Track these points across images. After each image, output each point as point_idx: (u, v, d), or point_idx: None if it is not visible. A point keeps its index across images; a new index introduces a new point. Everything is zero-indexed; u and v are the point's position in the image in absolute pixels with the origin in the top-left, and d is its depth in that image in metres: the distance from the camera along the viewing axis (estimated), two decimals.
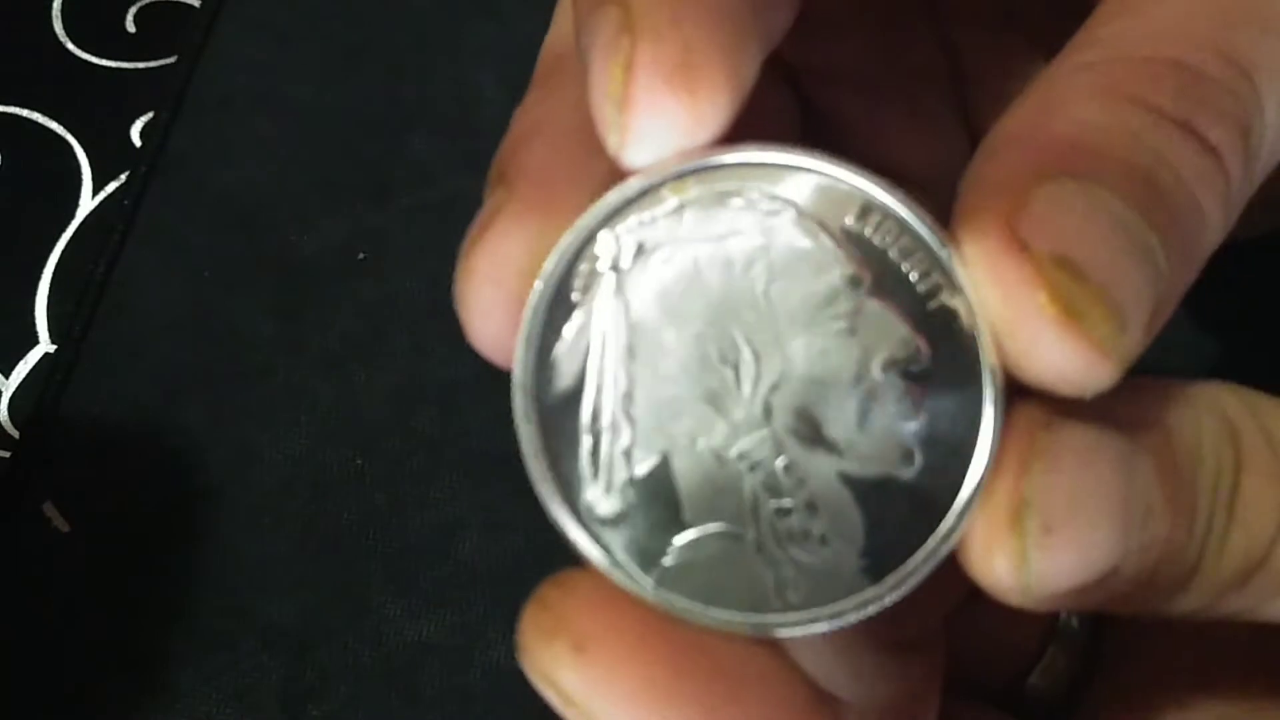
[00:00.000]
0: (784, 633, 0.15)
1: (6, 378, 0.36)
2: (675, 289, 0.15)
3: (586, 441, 0.15)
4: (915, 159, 0.24)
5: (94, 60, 0.42)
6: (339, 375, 0.36)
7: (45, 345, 0.37)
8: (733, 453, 0.15)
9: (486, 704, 0.32)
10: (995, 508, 0.15)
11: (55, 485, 0.34)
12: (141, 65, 0.42)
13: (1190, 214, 0.16)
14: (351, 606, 0.33)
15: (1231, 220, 0.16)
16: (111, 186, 0.39)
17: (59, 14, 0.43)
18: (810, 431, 0.15)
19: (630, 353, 0.15)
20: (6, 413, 0.36)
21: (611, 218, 0.15)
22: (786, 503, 0.15)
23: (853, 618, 0.15)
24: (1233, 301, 0.34)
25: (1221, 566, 0.16)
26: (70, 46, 0.42)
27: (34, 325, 0.37)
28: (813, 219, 0.15)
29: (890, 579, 0.15)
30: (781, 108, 0.23)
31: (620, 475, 0.15)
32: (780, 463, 0.15)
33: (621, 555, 0.15)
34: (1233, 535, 0.16)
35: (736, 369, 0.15)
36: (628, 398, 0.15)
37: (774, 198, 0.15)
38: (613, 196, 0.15)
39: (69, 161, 0.40)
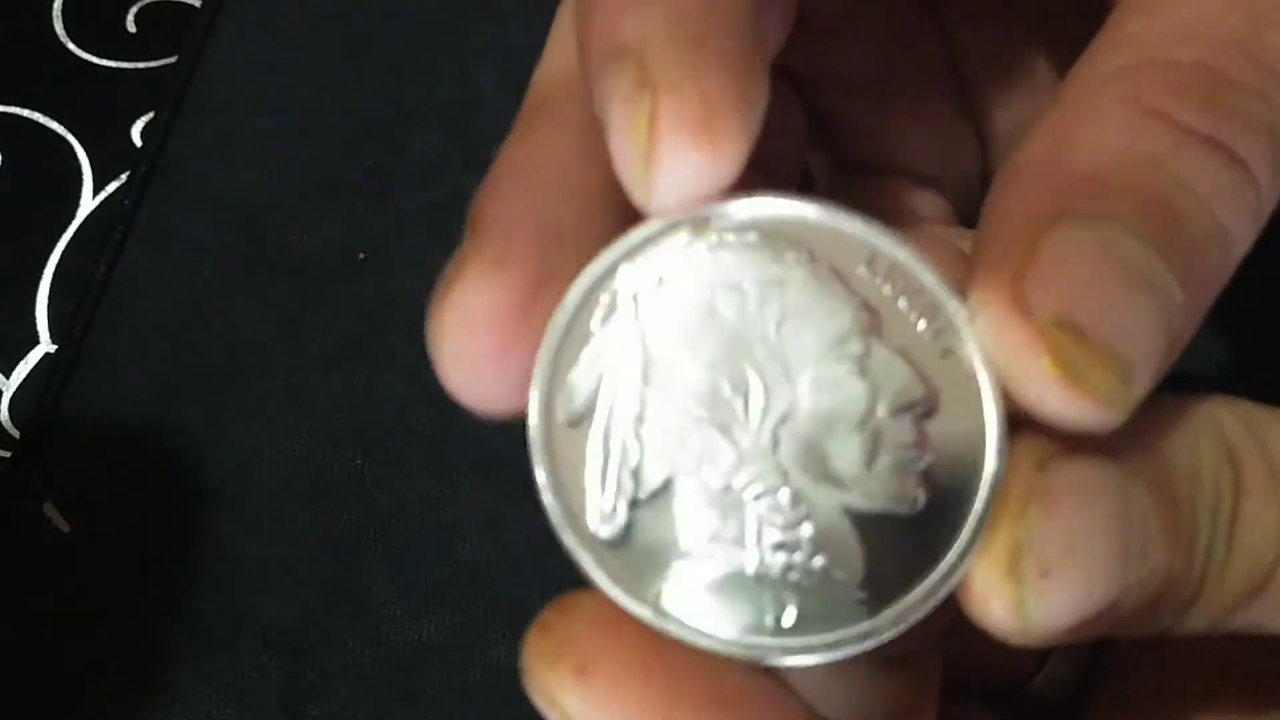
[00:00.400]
0: (779, 661, 0.15)
1: (7, 378, 0.36)
2: (691, 321, 0.16)
3: (595, 460, 0.15)
4: (922, 158, 0.24)
5: (94, 60, 0.42)
6: (339, 375, 0.36)
7: (45, 345, 0.37)
8: (738, 480, 0.15)
9: (486, 704, 0.32)
10: (992, 553, 0.15)
11: (55, 485, 0.34)
12: (141, 65, 0.42)
13: (1213, 238, 0.16)
14: (351, 606, 0.33)
15: (1260, 227, 0.16)
16: (112, 186, 0.39)
17: (59, 14, 0.43)
18: (816, 465, 0.15)
19: (644, 378, 0.16)
20: (7, 413, 0.36)
21: (633, 253, 0.16)
22: (789, 533, 0.15)
23: (850, 650, 0.15)
24: (1232, 299, 0.34)
25: (1224, 591, 0.16)
26: (70, 46, 0.42)
27: (34, 325, 0.37)
28: (826, 265, 0.16)
29: (888, 614, 0.15)
30: (786, 114, 0.23)
31: (626, 495, 0.15)
32: (784, 493, 0.15)
33: (623, 575, 0.15)
34: (1234, 560, 0.16)
35: (746, 400, 0.15)
36: (639, 420, 0.15)
37: (790, 242, 0.16)
38: (636, 234, 0.16)
39: (69, 161, 0.40)
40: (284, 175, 0.40)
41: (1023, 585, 0.14)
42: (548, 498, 0.15)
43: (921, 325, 0.16)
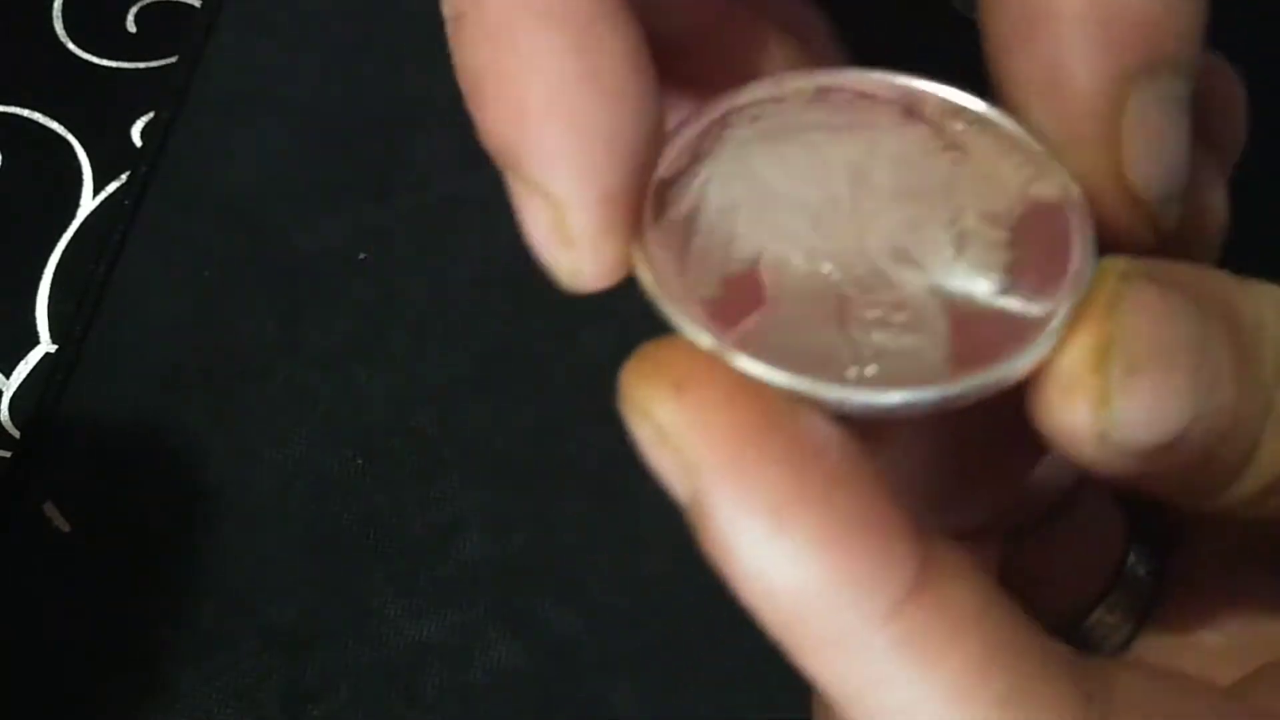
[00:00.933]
0: (859, 398, 0.16)
1: (7, 378, 0.36)
2: (788, 145, 0.17)
3: (692, 239, 0.17)
4: None
5: (94, 60, 0.42)
6: (339, 375, 0.36)
7: (46, 345, 0.37)
8: (827, 258, 0.17)
9: (487, 704, 0.32)
10: (1082, 341, 0.15)
11: (55, 485, 0.34)
12: (141, 65, 0.42)
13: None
14: (351, 606, 0.33)
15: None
16: (112, 186, 0.39)
17: (59, 14, 0.43)
18: (902, 255, 0.17)
19: (745, 185, 0.17)
20: (7, 413, 0.36)
21: (741, 104, 0.18)
22: (874, 298, 0.16)
23: (927, 396, 0.15)
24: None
25: (1277, 450, 0.17)
26: (70, 46, 0.42)
27: (34, 325, 0.37)
28: (922, 119, 0.18)
29: (968, 380, 0.15)
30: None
31: (717, 267, 0.17)
32: (872, 272, 0.16)
33: (710, 324, 0.16)
34: None
35: (837, 205, 0.17)
36: (732, 212, 0.17)
37: (884, 100, 0.18)
38: (746, 91, 0.18)
39: (69, 161, 0.40)
40: (284, 175, 0.40)
41: (1109, 378, 0.15)
42: (644, 271, 0.16)
43: (1006, 161, 0.17)
